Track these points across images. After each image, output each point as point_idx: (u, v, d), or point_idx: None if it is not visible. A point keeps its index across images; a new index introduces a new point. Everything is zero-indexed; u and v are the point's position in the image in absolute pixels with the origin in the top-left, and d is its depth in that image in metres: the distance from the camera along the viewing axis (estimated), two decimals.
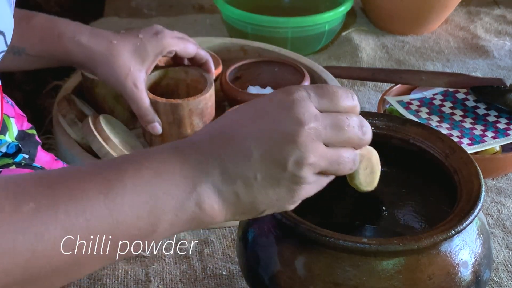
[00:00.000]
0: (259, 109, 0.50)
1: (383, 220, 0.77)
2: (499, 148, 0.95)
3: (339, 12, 1.22)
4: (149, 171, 0.48)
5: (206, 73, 0.94)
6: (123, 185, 0.47)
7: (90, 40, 0.85)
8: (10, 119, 0.77)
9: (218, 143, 0.49)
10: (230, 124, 0.50)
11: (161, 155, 0.49)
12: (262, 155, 0.49)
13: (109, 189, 0.46)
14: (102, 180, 0.47)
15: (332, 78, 1.05)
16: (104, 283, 0.78)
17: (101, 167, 0.48)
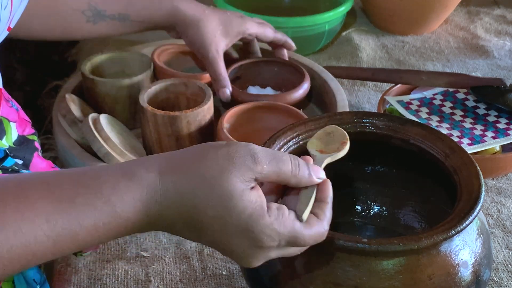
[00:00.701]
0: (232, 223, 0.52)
1: (383, 220, 0.77)
2: (499, 148, 0.95)
3: (339, 12, 1.22)
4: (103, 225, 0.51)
5: (205, 86, 0.94)
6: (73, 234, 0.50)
7: (187, 7, 0.96)
8: (11, 123, 0.77)
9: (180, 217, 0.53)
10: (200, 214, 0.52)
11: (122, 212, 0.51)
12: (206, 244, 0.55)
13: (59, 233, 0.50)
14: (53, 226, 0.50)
15: (332, 78, 1.05)
16: (104, 283, 0.78)
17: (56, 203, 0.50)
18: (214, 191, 0.51)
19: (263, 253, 0.53)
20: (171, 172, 0.52)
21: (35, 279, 0.69)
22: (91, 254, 0.82)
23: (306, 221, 0.54)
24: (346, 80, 1.19)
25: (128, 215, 0.51)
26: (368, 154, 0.75)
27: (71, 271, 0.80)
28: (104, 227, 0.51)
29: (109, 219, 0.51)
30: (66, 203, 0.50)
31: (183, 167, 0.52)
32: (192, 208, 0.52)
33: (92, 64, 1.01)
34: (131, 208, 0.51)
